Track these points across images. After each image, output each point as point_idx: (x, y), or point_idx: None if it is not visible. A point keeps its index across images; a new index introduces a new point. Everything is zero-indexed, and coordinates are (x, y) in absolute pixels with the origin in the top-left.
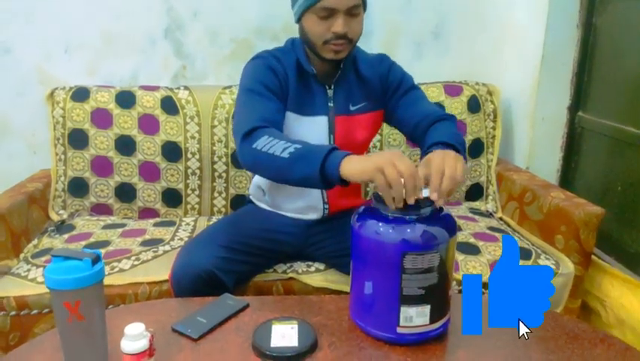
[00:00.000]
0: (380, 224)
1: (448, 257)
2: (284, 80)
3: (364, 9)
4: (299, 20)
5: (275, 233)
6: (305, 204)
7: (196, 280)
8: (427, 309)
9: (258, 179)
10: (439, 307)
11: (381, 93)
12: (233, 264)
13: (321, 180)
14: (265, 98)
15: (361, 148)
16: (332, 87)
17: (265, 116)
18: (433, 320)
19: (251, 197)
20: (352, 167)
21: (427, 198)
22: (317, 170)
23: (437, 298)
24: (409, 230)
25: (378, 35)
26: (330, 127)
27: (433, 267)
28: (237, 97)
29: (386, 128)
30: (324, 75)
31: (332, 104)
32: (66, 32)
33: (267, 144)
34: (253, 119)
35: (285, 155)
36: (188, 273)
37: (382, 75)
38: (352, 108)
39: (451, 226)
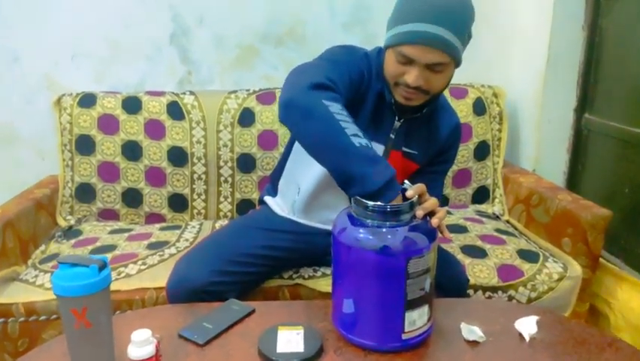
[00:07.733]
0: (383, 233)
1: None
2: (365, 88)
3: (457, 65)
4: (385, 49)
5: (293, 243)
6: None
7: (191, 297)
8: (425, 309)
9: (294, 171)
10: (431, 304)
11: (433, 152)
12: (236, 276)
13: (364, 195)
14: (342, 77)
15: None
16: (401, 120)
17: (338, 88)
18: (428, 318)
19: (265, 198)
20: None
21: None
22: (376, 187)
23: (431, 294)
24: (408, 234)
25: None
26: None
27: (429, 268)
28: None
29: None
30: (402, 108)
31: (393, 136)
32: (73, 39)
33: (339, 112)
34: (328, 77)
35: (356, 143)
36: (183, 288)
37: (446, 140)
38: (405, 150)
39: (427, 227)
